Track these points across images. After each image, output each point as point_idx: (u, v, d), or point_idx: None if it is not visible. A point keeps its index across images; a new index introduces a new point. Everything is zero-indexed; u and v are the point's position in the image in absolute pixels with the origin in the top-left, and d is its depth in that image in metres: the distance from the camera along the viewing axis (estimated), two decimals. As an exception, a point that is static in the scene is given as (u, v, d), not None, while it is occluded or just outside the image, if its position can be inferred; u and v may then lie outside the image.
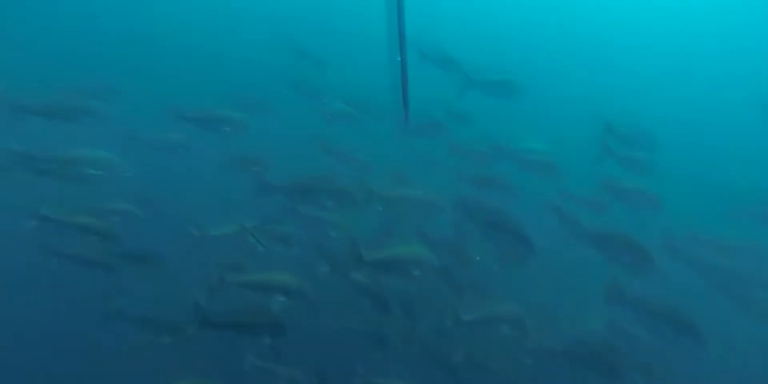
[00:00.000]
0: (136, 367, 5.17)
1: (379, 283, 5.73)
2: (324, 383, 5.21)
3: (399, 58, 7.04)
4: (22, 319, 6.45)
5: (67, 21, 14.33)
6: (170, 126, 8.06)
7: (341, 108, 9.91)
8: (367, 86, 11.81)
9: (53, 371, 5.94)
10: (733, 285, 6.73)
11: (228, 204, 7.54)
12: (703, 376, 6.50)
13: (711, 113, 13.85)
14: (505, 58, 12.23)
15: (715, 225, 7.54)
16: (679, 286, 6.67)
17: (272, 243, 6.84)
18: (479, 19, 18.13)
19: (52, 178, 5.99)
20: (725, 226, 7.54)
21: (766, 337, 6.17)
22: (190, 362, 5.07)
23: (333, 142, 9.78)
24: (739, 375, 6.63)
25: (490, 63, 10.04)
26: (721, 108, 13.66)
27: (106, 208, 6.41)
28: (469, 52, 10.41)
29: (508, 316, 5.59)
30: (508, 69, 9.52)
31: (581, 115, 11.56)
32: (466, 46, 10.93)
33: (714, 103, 14.43)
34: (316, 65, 12.38)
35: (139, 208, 6.74)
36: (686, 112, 13.96)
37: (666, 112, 12.15)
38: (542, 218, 7.31)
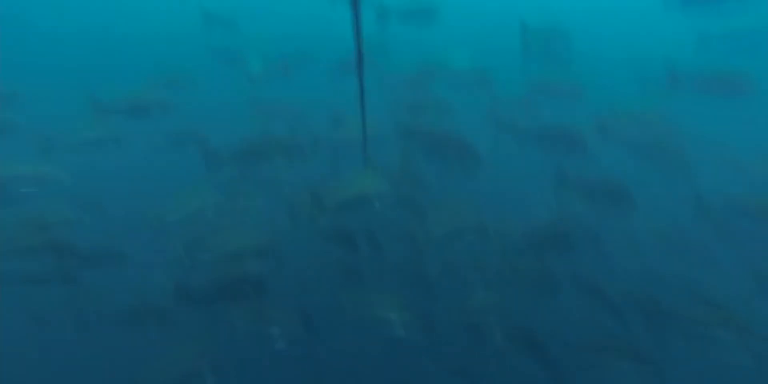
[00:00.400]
0: (131, 359, 5.22)
1: (343, 223, 5.84)
2: (312, 330, 5.40)
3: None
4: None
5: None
6: (93, 121, 7.71)
7: (262, 65, 9.64)
8: (284, 37, 11.52)
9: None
10: (653, 153, 7.16)
11: (178, 184, 7.45)
12: (641, 240, 7.04)
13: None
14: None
15: (632, 99, 7.87)
16: (610, 161, 7.08)
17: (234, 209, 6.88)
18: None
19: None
20: (640, 97, 7.88)
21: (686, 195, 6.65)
22: (181, 342, 5.17)
23: (265, 100, 9.64)
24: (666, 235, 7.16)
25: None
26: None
27: (49, 221, 6.22)
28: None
29: (471, 224, 5.84)
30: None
31: (499, 22, 11.58)
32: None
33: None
34: (226, 26, 11.87)
35: (85, 210, 6.54)
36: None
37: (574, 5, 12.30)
38: (482, 127, 7.50)
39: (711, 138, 8.30)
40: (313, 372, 5.57)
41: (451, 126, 7.09)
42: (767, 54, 7.74)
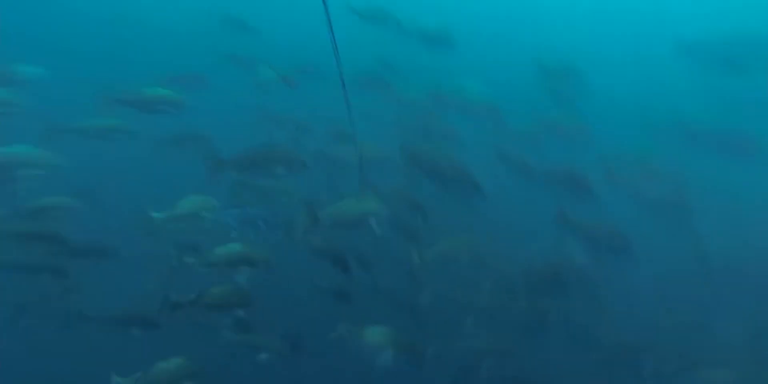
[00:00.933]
0: (110, 362, 5.12)
1: (336, 243, 5.81)
2: (297, 347, 5.35)
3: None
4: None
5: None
6: (102, 110, 7.61)
7: (274, 74, 9.56)
8: (301, 48, 11.56)
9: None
10: (659, 206, 7.22)
11: (176, 184, 7.39)
12: (634, 289, 7.06)
13: (631, 48, 14.41)
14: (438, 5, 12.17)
15: (642, 149, 7.94)
16: (614, 209, 7.12)
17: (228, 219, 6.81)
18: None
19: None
20: (650, 149, 7.95)
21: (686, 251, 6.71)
22: (165, 348, 5.08)
23: (272, 110, 9.64)
24: (663, 287, 7.19)
25: (424, 12, 10.01)
26: (639, 43, 14.25)
27: (44, 206, 6.12)
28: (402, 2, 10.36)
29: (466, 256, 5.84)
30: (441, 17, 9.51)
31: (515, 57, 11.68)
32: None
33: (633, 39, 14.96)
34: (245, 31, 11.87)
35: (81, 201, 6.45)
36: (609, 47, 14.40)
37: (591, 49, 12.47)
38: (487, 160, 7.53)
39: (717, 195, 8.35)
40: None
41: (456, 155, 7.11)
42: None
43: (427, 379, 5.32)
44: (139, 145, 8.02)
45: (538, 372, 5.39)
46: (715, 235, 7.48)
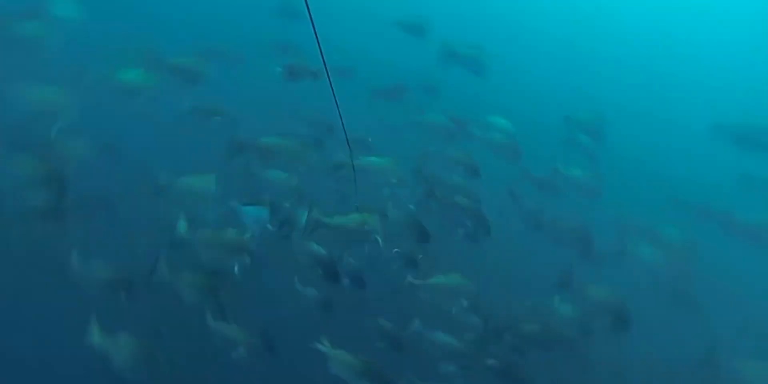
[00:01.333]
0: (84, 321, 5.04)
1: (332, 252, 5.77)
2: (269, 345, 5.29)
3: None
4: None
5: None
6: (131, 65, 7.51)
7: (303, 67, 9.40)
8: (338, 46, 11.51)
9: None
10: (666, 277, 7.17)
11: (190, 154, 7.36)
12: (627, 363, 6.98)
13: (666, 120, 14.51)
14: (480, 33, 12.20)
15: (654, 216, 7.91)
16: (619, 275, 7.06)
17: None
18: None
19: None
20: (664, 218, 7.92)
21: (693, 330, 6.62)
22: (137, 318, 5.02)
23: (298, 102, 9.59)
24: (661, 365, 7.10)
25: (465, 36, 10.04)
26: (677, 116, 14.35)
27: (54, 150, 6.06)
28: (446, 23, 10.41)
29: (458, 288, 5.80)
30: (481, 45, 9.55)
31: (544, 99, 11.72)
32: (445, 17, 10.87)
33: (663, 102, 15.05)
34: (296, 20, 11.73)
35: (93, 151, 6.39)
36: (643, 115, 14.48)
37: (619, 107, 12.54)
38: (500, 199, 7.51)
39: (728, 281, 8.14)
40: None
41: (469, 187, 7.11)
42: None
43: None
44: (163, 110, 7.98)
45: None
46: (720, 323, 7.33)
